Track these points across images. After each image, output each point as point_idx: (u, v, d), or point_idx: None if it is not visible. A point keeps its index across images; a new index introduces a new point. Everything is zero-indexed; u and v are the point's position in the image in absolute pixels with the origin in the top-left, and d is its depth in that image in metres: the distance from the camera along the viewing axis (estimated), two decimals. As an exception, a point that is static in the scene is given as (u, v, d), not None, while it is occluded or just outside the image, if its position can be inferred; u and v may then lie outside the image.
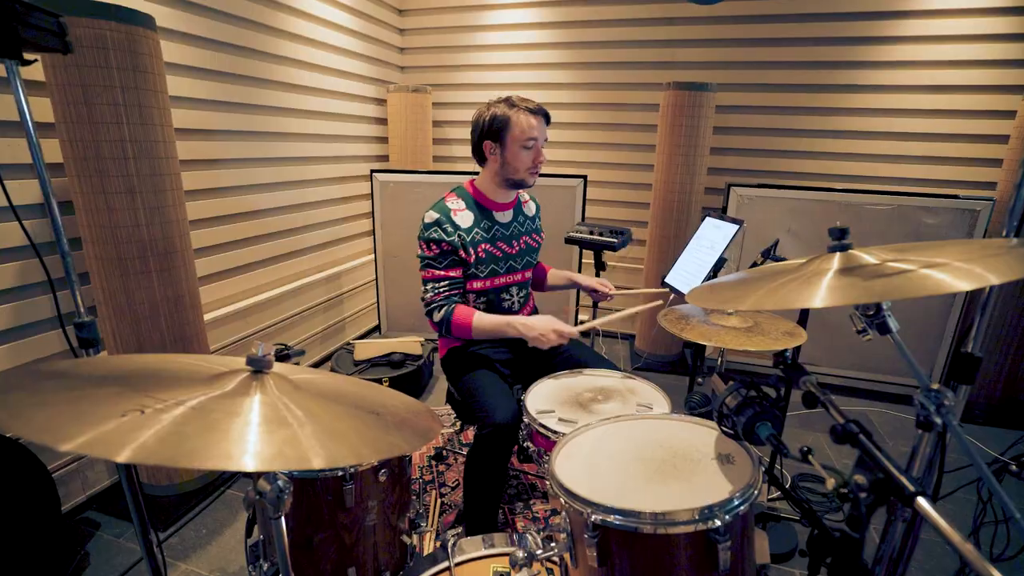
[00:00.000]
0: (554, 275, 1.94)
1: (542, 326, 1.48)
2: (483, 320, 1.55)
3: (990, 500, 1.69)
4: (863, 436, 0.68)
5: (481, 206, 1.66)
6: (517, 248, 1.72)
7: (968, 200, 2.66)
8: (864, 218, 2.79)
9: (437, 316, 1.56)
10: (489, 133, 1.57)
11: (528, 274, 1.79)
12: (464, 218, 1.61)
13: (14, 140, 1.68)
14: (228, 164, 2.49)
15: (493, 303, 1.70)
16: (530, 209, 1.82)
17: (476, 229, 1.62)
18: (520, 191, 1.77)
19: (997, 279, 0.65)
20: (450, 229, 1.57)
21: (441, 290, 1.58)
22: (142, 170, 1.72)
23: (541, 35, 3.66)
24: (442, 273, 1.58)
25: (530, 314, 1.79)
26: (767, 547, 1.77)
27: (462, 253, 1.59)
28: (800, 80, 3.25)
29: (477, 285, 1.65)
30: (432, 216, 1.58)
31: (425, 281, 1.60)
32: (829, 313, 2.82)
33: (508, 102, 1.56)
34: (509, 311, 1.73)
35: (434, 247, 1.58)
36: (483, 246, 1.63)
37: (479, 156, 1.63)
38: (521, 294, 1.77)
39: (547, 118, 1.59)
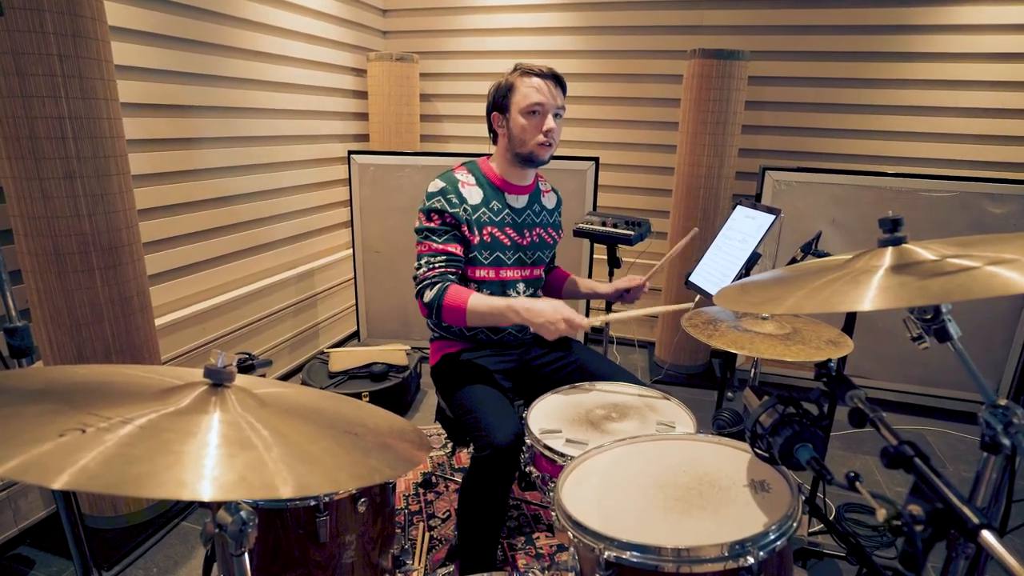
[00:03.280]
0: (574, 283, 1.95)
1: (550, 312, 1.47)
2: (479, 302, 1.54)
3: (1066, 534, 1.69)
4: (919, 460, 0.68)
5: (493, 185, 1.70)
6: (528, 239, 1.74)
7: (1041, 186, 2.66)
8: (920, 207, 2.79)
9: (428, 296, 1.56)
10: (496, 105, 1.65)
11: (539, 272, 1.81)
12: (473, 193, 1.65)
13: (-65, 116, 1.68)
14: (184, 144, 2.49)
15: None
16: (550, 200, 1.85)
17: (484, 209, 1.66)
18: (541, 178, 1.83)
19: (1075, 278, 0.65)
20: (455, 201, 1.60)
21: (436, 265, 1.59)
22: (83, 151, 1.72)
23: (546, -5, 3.66)
24: (440, 247, 1.60)
25: None
26: (808, 588, 1.77)
27: (465, 230, 1.62)
28: (846, 47, 3.25)
29: (480, 273, 1.67)
30: (437, 185, 1.63)
31: (420, 256, 1.62)
32: (880, 318, 2.82)
33: (513, 68, 1.63)
34: None
35: (435, 218, 1.61)
36: (489, 229, 1.66)
37: (492, 133, 1.71)
38: (528, 293, 1.78)
39: (559, 82, 1.62)
